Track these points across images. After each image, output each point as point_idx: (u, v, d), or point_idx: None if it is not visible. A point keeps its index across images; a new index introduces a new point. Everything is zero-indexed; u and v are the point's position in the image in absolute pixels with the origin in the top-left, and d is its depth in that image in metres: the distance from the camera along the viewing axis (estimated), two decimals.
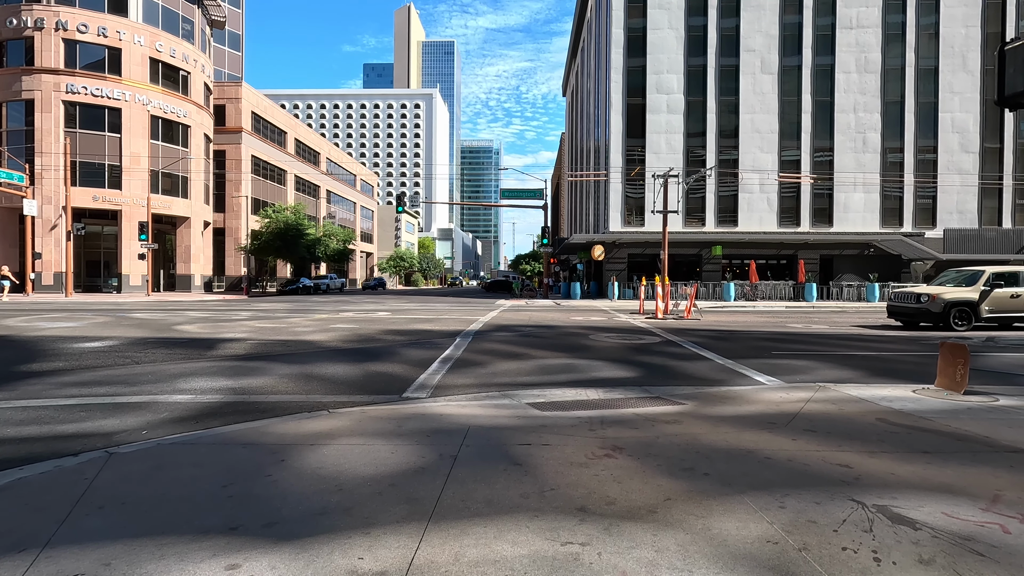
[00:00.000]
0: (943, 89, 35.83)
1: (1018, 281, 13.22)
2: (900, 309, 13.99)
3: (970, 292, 13.05)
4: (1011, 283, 13.18)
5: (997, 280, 13.16)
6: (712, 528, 2.31)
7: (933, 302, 13.03)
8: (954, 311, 12.95)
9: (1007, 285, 13.14)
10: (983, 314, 12.98)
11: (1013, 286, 13.13)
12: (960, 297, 13.02)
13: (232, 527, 2.30)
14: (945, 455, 3.35)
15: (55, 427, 4.19)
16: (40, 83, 31.97)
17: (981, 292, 12.99)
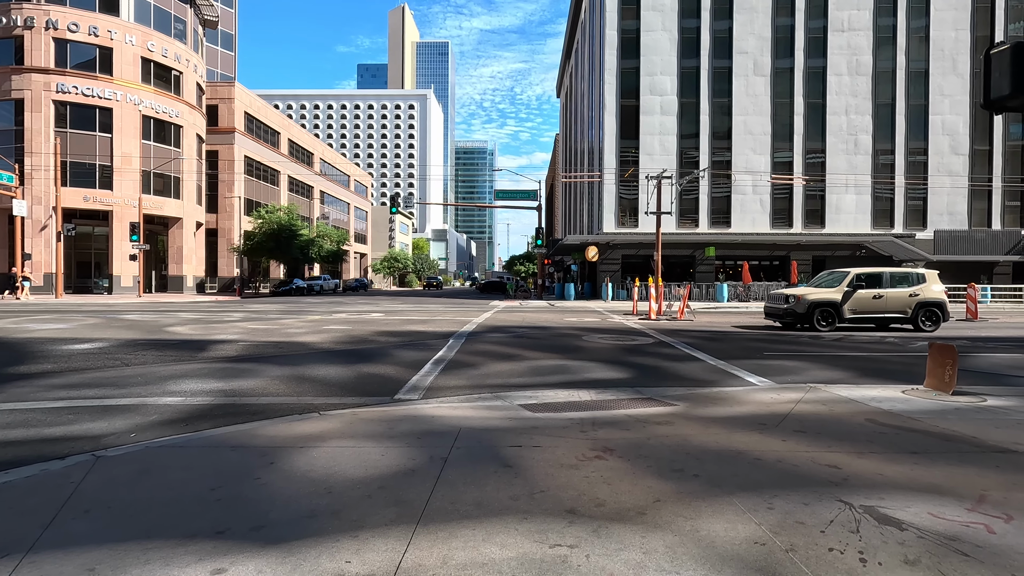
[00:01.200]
0: (933, 92, 36.17)
1: (880, 282, 13.28)
2: (771, 310, 14.14)
3: (834, 293, 13.15)
4: (873, 284, 13.27)
5: (860, 281, 13.25)
6: (700, 530, 2.31)
7: (798, 303, 13.15)
8: (818, 311, 13.02)
9: (869, 286, 13.23)
10: (846, 314, 13.06)
11: (876, 287, 13.22)
12: (823, 298, 13.10)
13: (219, 531, 2.29)
14: (933, 455, 3.37)
15: (42, 430, 4.15)
16: (30, 82, 31.70)
17: (844, 293, 13.08)
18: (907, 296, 13.07)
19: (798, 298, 13.19)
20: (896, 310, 13.11)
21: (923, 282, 13.23)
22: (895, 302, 13.09)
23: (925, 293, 13.08)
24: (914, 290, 13.09)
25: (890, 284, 13.26)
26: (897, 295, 13.08)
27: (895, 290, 13.13)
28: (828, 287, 13.49)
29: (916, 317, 13.08)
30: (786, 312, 13.45)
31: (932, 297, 13.11)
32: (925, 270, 13.54)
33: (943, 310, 13.10)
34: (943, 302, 13.11)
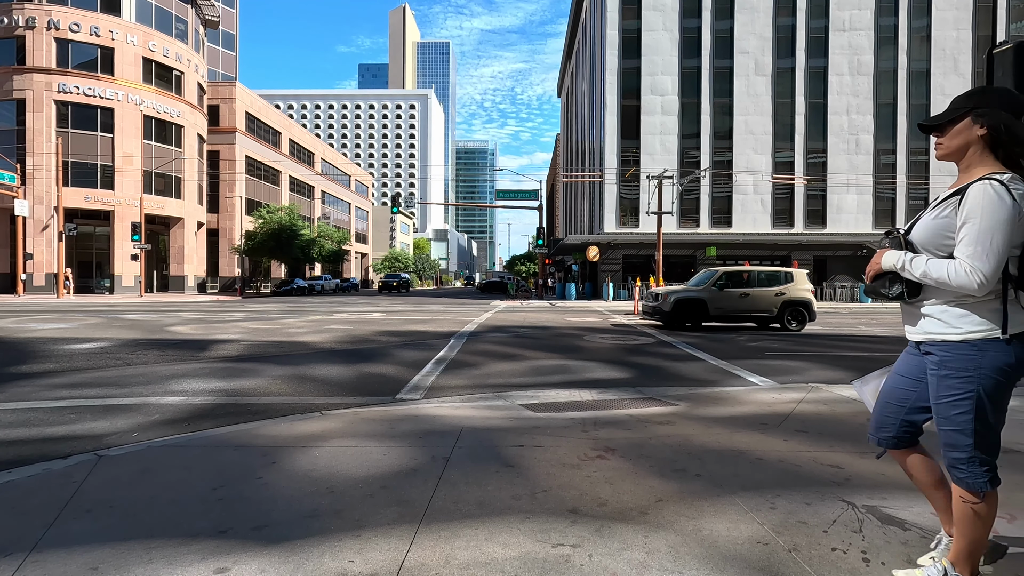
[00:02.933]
0: (935, 91, 36.14)
1: (746, 281, 13.28)
2: (645, 308, 14.20)
3: (700, 291, 13.14)
4: (739, 283, 13.25)
5: (727, 280, 13.25)
6: (703, 529, 2.31)
7: (664, 301, 13.17)
8: (683, 310, 13.02)
9: (735, 285, 13.21)
10: (712, 312, 13.05)
11: (742, 286, 13.21)
12: (688, 297, 13.11)
13: (222, 530, 2.29)
14: (935, 456, 3.36)
15: (44, 429, 4.15)
16: (32, 82, 31.76)
17: (709, 291, 13.07)
18: (773, 295, 13.05)
19: (664, 297, 13.24)
20: (762, 309, 13.09)
21: (791, 281, 13.20)
22: (761, 301, 13.07)
23: (791, 292, 13.05)
24: (780, 289, 13.07)
25: (756, 283, 13.27)
26: (763, 294, 13.07)
27: (761, 289, 13.13)
28: (697, 286, 13.52)
29: (782, 316, 13.05)
30: (654, 310, 13.52)
31: (798, 296, 13.06)
32: (794, 269, 13.49)
33: (809, 309, 13.06)
34: (809, 301, 13.09)
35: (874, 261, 1.83)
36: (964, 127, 1.75)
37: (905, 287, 1.77)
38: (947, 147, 1.81)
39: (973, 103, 1.74)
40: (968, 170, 1.77)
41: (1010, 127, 1.69)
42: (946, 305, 1.72)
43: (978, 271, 1.58)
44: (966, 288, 1.61)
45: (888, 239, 1.84)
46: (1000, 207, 1.59)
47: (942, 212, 1.72)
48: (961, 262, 1.62)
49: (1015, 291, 1.68)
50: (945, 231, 1.70)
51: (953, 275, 1.62)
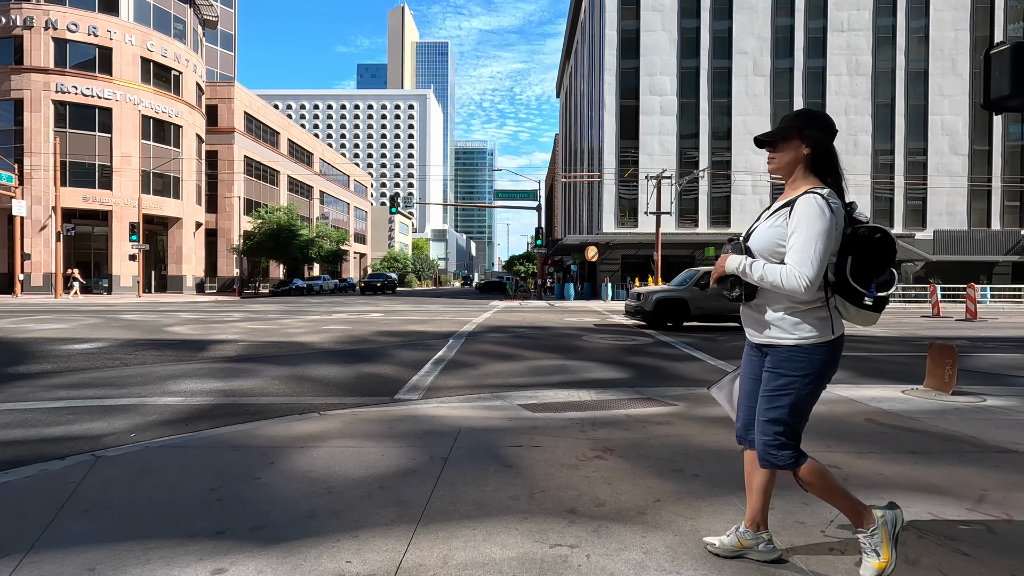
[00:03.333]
0: (933, 92, 36.20)
1: None
2: (628, 308, 14.21)
3: (682, 291, 13.13)
4: None
5: (708, 279, 13.17)
6: (701, 529, 2.31)
7: (646, 301, 13.15)
8: (664, 310, 13.01)
9: None
10: (694, 313, 13.03)
11: None
12: (671, 296, 13.09)
13: (219, 531, 2.29)
14: (933, 455, 3.37)
15: (42, 430, 4.14)
16: (29, 82, 31.70)
17: (691, 291, 13.06)
18: None
19: (646, 297, 13.23)
20: None
21: None
22: None
23: None
24: None
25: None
26: None
27: None
28: (679, 285, 13.52)
29: None
30: (636, 310, 13.50)
31: None
32: None
33: None
34: None
35: (718, 265, 1.95)
36: (793, 146, 1.93)
37: (744, 290, 1.91)
38: (779, 162, 1.97)
39: (800, 123, 1.91)
40: (794, 184, 1.95)
41: (828, 149, 1.92)
42: (784, 313, 1.87)
43: (804, 276, 1.75)
44: (795, 292, 1.77)
45: (731, 245, 1.98)
46: (822, 218, 1.78)
47: (775, 221, 1.89)
48: (791, 268, 1.78)
49: (833, 296, 1.88)
50: (778, 239, 1.86)
51: (785, 279, 1.78)
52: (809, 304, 1.85)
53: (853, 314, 1.90)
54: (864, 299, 1.85)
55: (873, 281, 1.84)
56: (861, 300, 1.85)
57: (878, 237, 1.83)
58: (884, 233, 1.84)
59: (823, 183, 1.90)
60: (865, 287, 1.84)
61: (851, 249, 1.84)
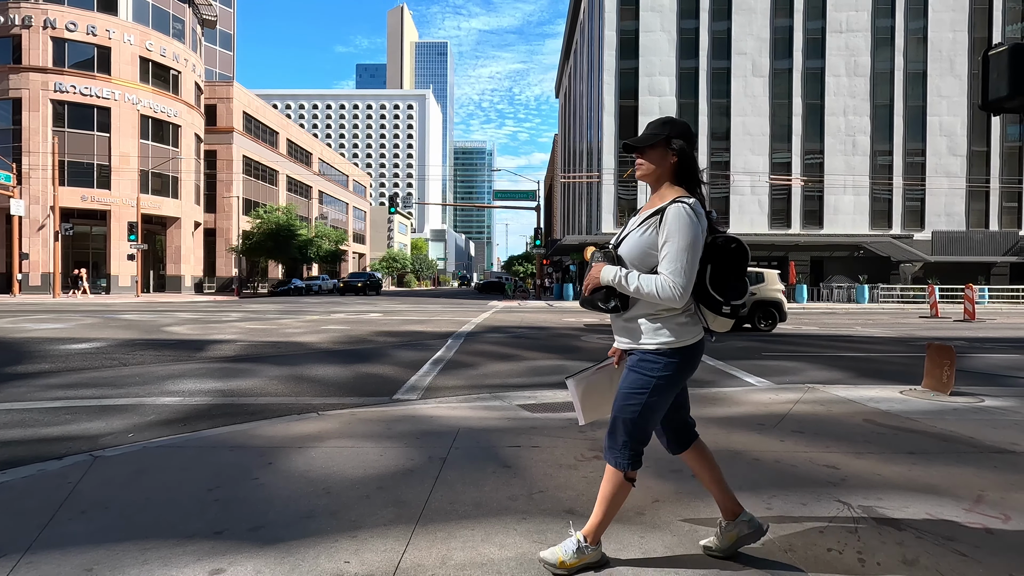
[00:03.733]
0: (931, 93, 36.27)
1: None
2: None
3: None
4: None
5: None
6: (699, 530, 2.31)
7: None
8: None
9: None
10: None
11: None
12: None
13: (217, 531, 2.28)
14: (930, 456, 3.38)
15: (39, 430, 4.14)
16: (28, 82, 31.64)
17: None
18: None
19: None
20: None
21: (761, 281, 13.12)
22: None
23: (762, 293, 12.98)
24: (751, 289, 12.94)
25: None
26: None
27: None
28: None
29: (753, 316, 13.01)
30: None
31: (769, 296, 13.01)
32: (765, 270, 13.45)
33: (779, 309, 12.99)
34: (780, 301, 13.03)
35: (592, 275, 1.92)
36: (660, 154, 1.93)
37: (619, 300, 1.90)
38: (646, 169, 1.96)
39: (667, 132, 1.92)
40: (660, 192, 1.96)
41: (692, 159, 1.95)
42: (646, 319, 1.88)
43: (678, 286, 1.76)
44: (670, 302, 1.79)
45: (601, 253, 1.96)
46: (693, 228, 1.79)
47: (646, 230, 1.87)
48: (666, 277, 1.78)
49: (696, 304, 1.91)
50: (649, 247, 1.86)
51: (660, 289, 1.78)
52: (671, 310, 1.87)
53: (712, 320, 1.92)
54: (723, 307, 1.87)
55: (729, 289, 1.87)
56: (720, 308, 1.87)
57: (734, 247, 1.87)
58: (739, 243, 1.88)
59: (687, 192, 1.92)
60: (723, 295, 1.86)
61: (711, 258, 1.86)
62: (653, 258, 1.85)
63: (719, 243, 1.87)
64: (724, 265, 1.87)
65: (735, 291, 1.89)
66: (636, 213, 2.03)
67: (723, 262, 1.87)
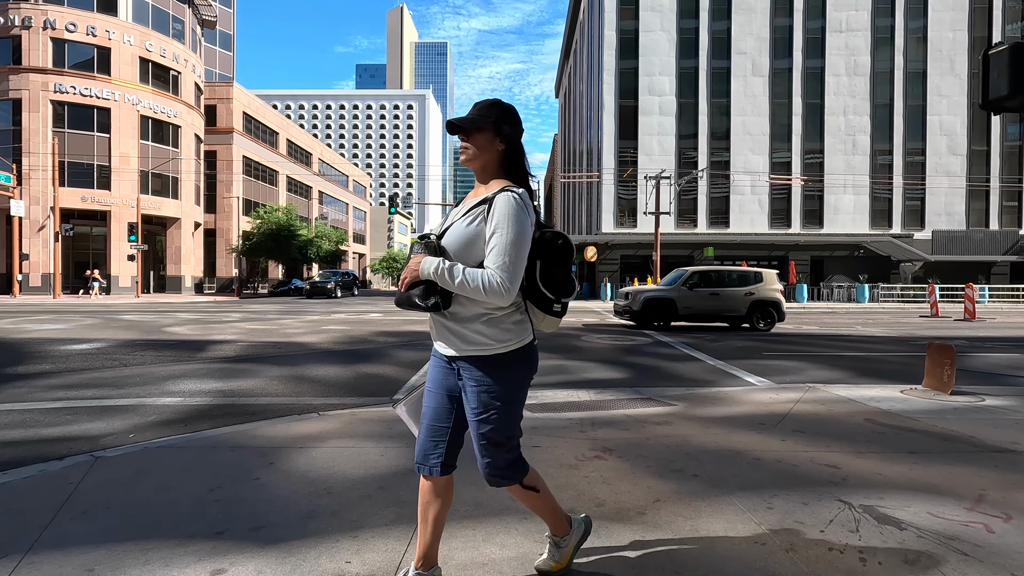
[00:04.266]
0: (931, 92, 36.27)
1: (716, 281, 13.25)
2: (617, 307, 14.15)
3: (670, 291, 13.12)
4: (709, 283, 13.24)
5: (697, 279, 13.24)
6: (700, 530, 2.31)
7: (634, 300, 13.13)
8: (652, 309, 12.98)
9: (705, 285, 13.19)
10: (682, 312, 13.02)
11: (711, 286, 13.19)
12: (658, 296, 13.07)
13: (218, 531, 2.29)
14: (931, 455, 3.38)
15: (40, 431, 4.14)
16: (28, 82, 31.63)
17: (679, 291, 13.05)
18: (743, 295, 13.00)
19: (634, 296, 13.19)
20: (731, 309, 13.07)
21: (760, 281, 13.14)
22: (730, 301, 13.04)
23: (760, 293, 13.00)
24: (750, 289, 13.02)
25: (727, 283, 13.25)
26: (733, 294, 13.04)
27: (731, 289, 13.10)
28: (668, 285, 13.49)
29: (751, 316, 13.02)
30: (625, 309, 13.47)
31: (767, 296, 13.02)
32: (764, 270, 13.47)
33: (778, 309, 13.02)
34: (778, 301, 13.05)
35: (410, 268, 1.71)
36: (488, 139, 1.78)
37: (440, 297, 1.68)
38: (472, 154, 1.79)
39: (496, 116, 1.77)
40: (487, 179, 1.80)
41: (520, 148, 1.82)
42: (481, 321, 1.70)
43: (507, 281, 1.61)
44: (497, 298, 1.62)
45: (422, 244, 1.76)
46: (523, 220, 1.65)
47: (473, 220, 1.70)
48: (493, 272, 1.61)
49: (526, 301, 1.80)
50: (476, 239, 1.69)
51: (487, 285, 1.60)
52: (505, 310, 1.72)
53: (540, 319, 1.83)
54: (553, 305, 1.78)
55: (559, 286, 1.78)
56: (551, 306, 1.78)
57: (561, 243, 1.77)
58: (566, 239, 1.79)
59: (515, 182, 1.78)
60: (554, 292, 1.77)
61: (540, 254, 1.75)
62: (479, 251, 1.68)
63: (547, 238, 1.76)
64: (553, 261, 1.77)
65: (565, 288, 1.79)
66: (458, 203, 1.87)
67: (552, 258, 1.76)
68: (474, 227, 1.69)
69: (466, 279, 1.62)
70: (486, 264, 1.65)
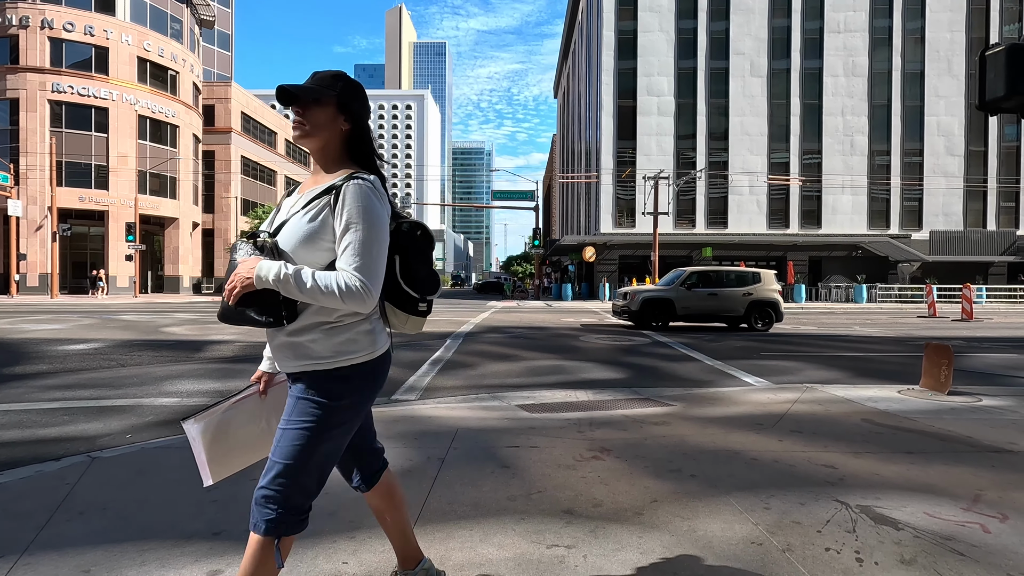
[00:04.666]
0: (929, 93, 36.35)
1: (715, 281, 13.28)
2: (615, 307, 14.19)
3: (668, 291, 13.15)
4: (707, 283, 13.27)
5: (695, 279, 13.27)
6: (697, 530, 2.32)
7: (632, 300, 13.16)
8: (651, 309, 13.01)
9: (704, 285, 13.23)
10: (680, 313, 13.05)
11: (710, 286, 13.22)
12: (656, 296, 13.10)
13: (216, 532, 2.28)
14: (928, 455, 3.39)
15: (37, 431, 4.13)
16: (25, 82, 31.56)
17: (677, 291, 13.08)
18: (741, 295, 13.05)
19: (632, 296, 13.22)
20: (730, 309, 13.10)
21: (758, 282, 13.17)
22: (729, 301, 13.07)
23: (759, 293, 13.04)
24: (748, 289, 13.06)
25: (725, 283, 13.28)
26: (731, 294, 13.08)
27: (729, 289, 13.14)
28: (667, 285, 13.52)
29: (750, 316, 13.06)
30: (623, 309, 13.50)
31: (766, 296, 13.06)
32: (762, 270, 13.51)
33: (776, 309, 13.06)
34: (776, 301, 13.09)
35: (240, 276, 1.37)
36: (330, 115, 1.53)
37: (286, 308, 1.40)
38: (309, 131, 1.52)
39: (340, 89, 1.54)
40: (329, 165, 1.56)
41: (368, 130, 1.61)
42: (319, 330, 1.45)
43: (368, 284, 1.38)
44: (358, 304, 1.37)
45: (250, 244, 1.45)
46: (379, 211, 1.44)
47: (315, 213, 1.44)
48: (349, 275, 1.37)
49: (383, 304, 1.59)
50: (320, 236, 1.43)
51: (344, 290, 1.35)
52: (355, 315, 1.47)
53: (403, 321, 1.61)
54: (419, 304, 1.59)
55: (423, 283, 1.59)
56: (415, 305, 1.58)
57: (420, 234, 1.59)
58: (425, 229, 1.61)
59: (362, 168, 1.55)
60: (418, 290, 1.57)
61: (399, 248, 1.55)
62: (324, 250, 1.44)
63: (405, 230, 1.56)
64: (414, 255, 1.58)
65: (429, 284, 1.60)
66: (291, 193, 1.61)
67: (413, 252, 1.57)
68: (318, 223, 1.43)
69: (318, 285, 1.35)
70: (340, 265, 1.40)
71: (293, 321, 1.43)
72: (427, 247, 1.61)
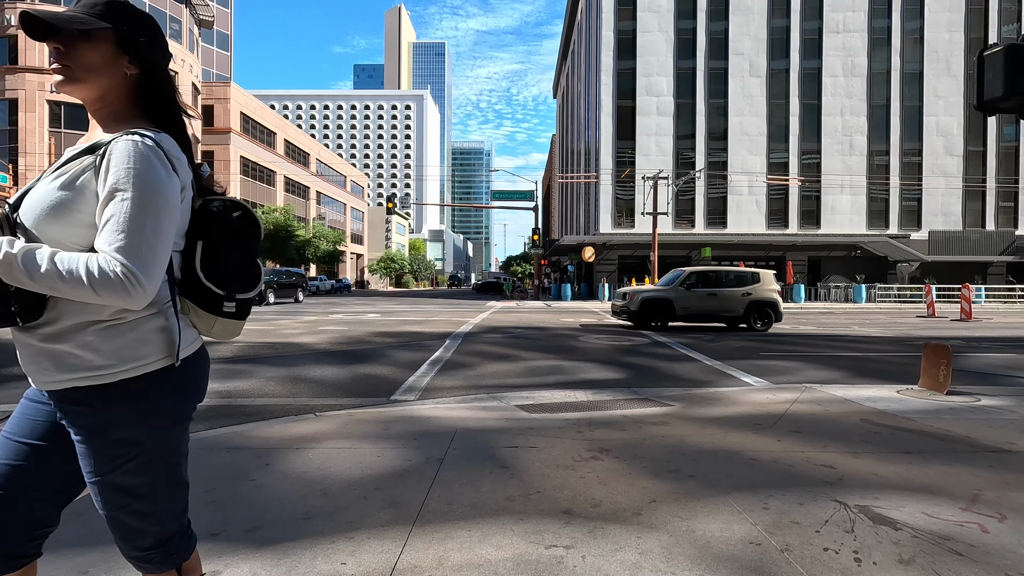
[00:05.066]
0: (928, 93, 36.37)
1: (714, 281, 13.31)
2: (614, 308, 14.22)
3: (667, 291, 13.18)
4: (707, 283, 13.30)
5: (694, 279, 13.30)
6: (696, 530, 2.32)
7: (631, 301, 13.18)
8: (650, 310, 13.04)
9: (703, 285, 13.25)
10: (679, 313, 13.08)
11: (709, 286, 13.24)
12: (655, 296, 13.12)
13: (214, 533, 2.28)
14: (927, 455, 3.39)
15: None
16: (24, 82, 31.56)
17: (676, 291, 13.11)
18: (740, 295, 13.06)
19: (631, 296, 13.24)
20: (729, 309, 13.12)
21: (757, 282, 13.18)
22: (728, 301, 13.09)
23: (758, 293, 13.05)
24: (747, 289, 13.07)
25: (724, 283, 13.30)
26: (730, 294, 13.09)
27: (728, 289, 13.15)
28: (666, 285, 13.55)
29: (749, 316, 13.07)
30: (622, 310, 13.52)
31: (765, 297, 13.07)
32: (761, 270, 13.52)
33: (775, 309, 13.07)
34: (775, 301, 13.10)
35: None
36: (108, 56, 1.17)
37: (18, 302, 1.08)
38: (76, 74, 1.15)
39: (121, 21, 1.18)
40: (109, 123, 1.22)
41: (167, 78, 1.27)
42: (91, 332, 1.12)
43: (135, 270, 1.04)
44: (119, 298, 1.05)
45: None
46: (159, 176, 1.10)
47: (70, 178, 1.10)
48: (109, 258, 1.04)
49: (180, 300, 1.26)
50: (78, 209, 1.10)
51: (99, 277, 1.03)
52: (139, 313, 1.16)
53: (209, 324, 1.29)
54: (224, 304, 1.27)
55: (232, 278, 1.28)
56: (220, 306, 1.27)
57: (238, 216, 1.28)
58: (246, 211, 1.30)
59: (160, 127, 1.22)
60: (223, 286, 1.26)
61: (203, 232, 1.25)
62: (83, 226, 1.10)
63: (215, 210, 1.26)
64: (224, 243, 1.26)
65: (243, 280, 1.30)
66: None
67: (223, 238, 1.26)
68: (73, 190, 1.09)
69: (56, 269, 1.02)
70: (99, 245, 1.06)
71: (35, 319, 1.10)
72: (247, 233, 1.30)
